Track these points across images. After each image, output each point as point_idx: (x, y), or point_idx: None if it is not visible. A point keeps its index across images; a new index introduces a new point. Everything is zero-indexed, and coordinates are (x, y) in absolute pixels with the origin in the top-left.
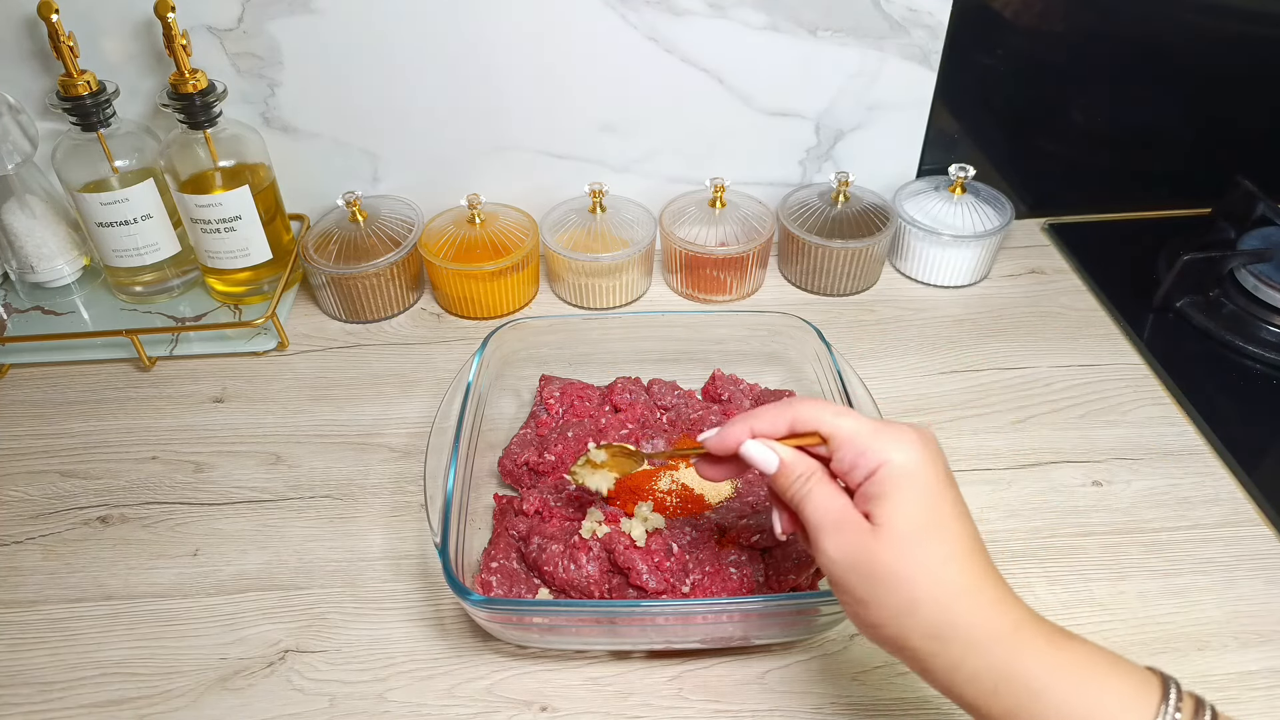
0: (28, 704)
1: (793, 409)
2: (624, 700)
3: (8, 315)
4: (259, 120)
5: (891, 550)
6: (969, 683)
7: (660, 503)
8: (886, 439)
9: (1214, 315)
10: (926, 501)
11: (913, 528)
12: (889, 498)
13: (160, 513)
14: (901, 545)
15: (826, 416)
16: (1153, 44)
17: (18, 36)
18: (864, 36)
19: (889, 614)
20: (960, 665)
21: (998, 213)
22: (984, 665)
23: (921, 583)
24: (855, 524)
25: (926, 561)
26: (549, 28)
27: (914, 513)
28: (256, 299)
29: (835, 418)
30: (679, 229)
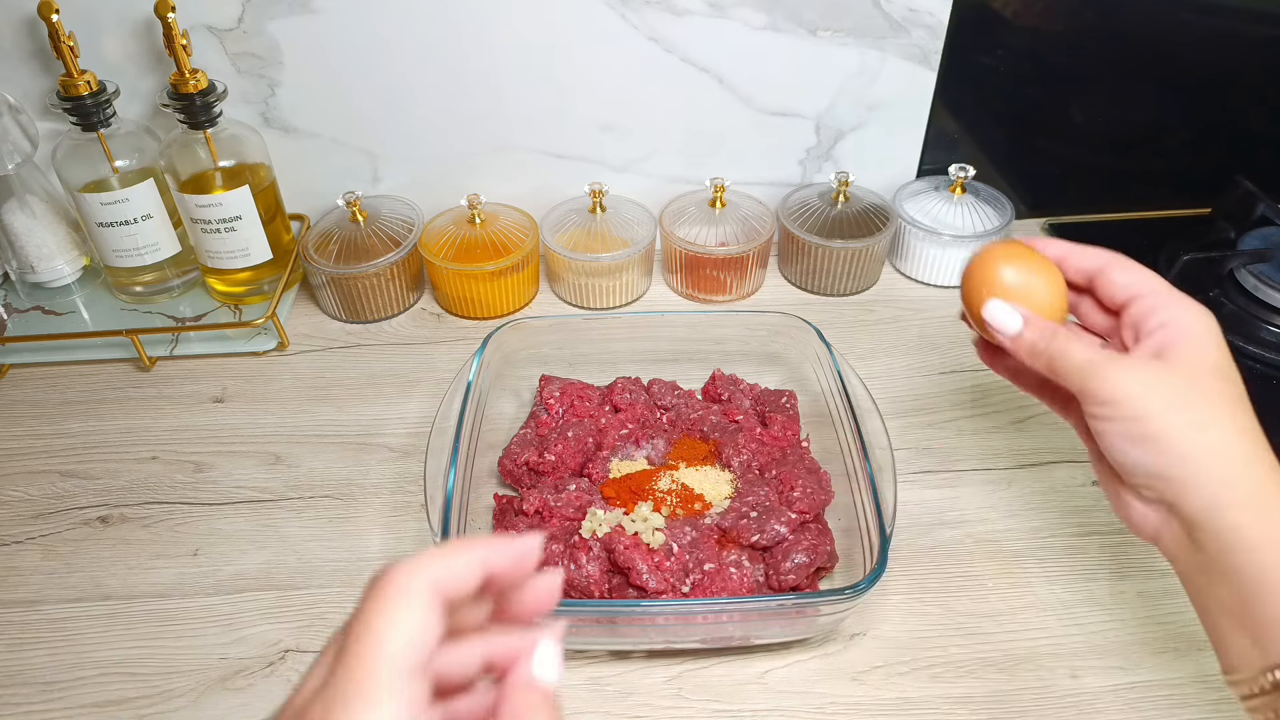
0: (27, 704)
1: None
2: (624, 700)
3: (8, 315)
4: (259, 120)
5: (1186, 375)
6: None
7: (660, 503)
8: (1182, 299)
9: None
10: (1221, 355)
11: (1209, 366)
12: (1184, 343)
13: (160, 513)
14: (1200, 374)
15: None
16: (1153, 44)
17: (18, 36)
18: (864, 36)
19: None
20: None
21: (998, 213)
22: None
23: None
24: (1134, 357)
25: (1221, 393)
26: (549, 28)
27: (1211, 358)
28: (256, 299)
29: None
30: (679, 229)
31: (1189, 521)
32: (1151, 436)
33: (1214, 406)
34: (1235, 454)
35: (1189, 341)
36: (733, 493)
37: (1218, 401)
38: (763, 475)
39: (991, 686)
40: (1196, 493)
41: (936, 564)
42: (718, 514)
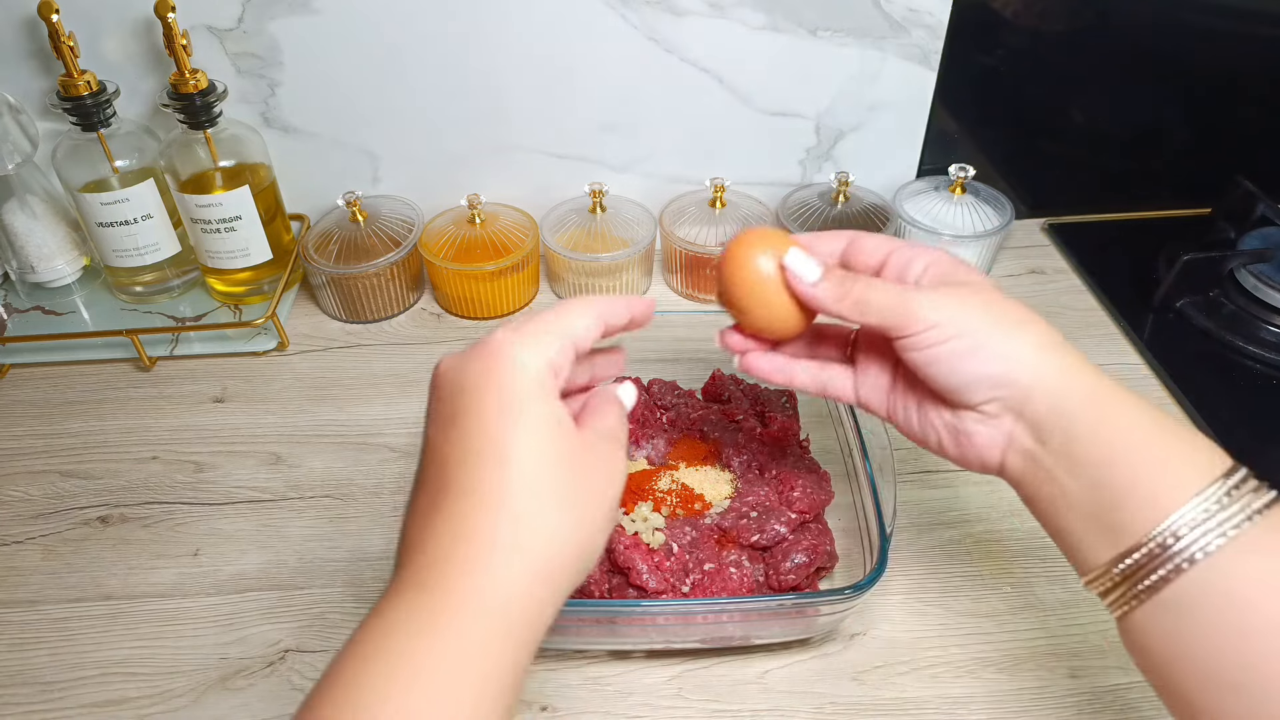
0: (28, 704)
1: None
2: (624, 700)
3: (8, 315)
4: (259, 120)
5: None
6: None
7: (660, 502)
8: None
9: (1214, 315)
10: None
11: (985, 282)
12: (954, 272)
13: (160, 512)
14: (991, 287)
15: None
16: (1153, 44)
17: (18, 36)
18: (864, 36)
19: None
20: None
21: (998, 213)
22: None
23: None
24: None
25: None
26: (549, 28)
27: (980, 276)
28: (256, 299)
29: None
30: (679, 229)
31: (1036, 422)
32: (985, 345)
33: (1017, 310)
34: (1056, 347)
35: (959, 269)
36: (733, 493)
37: (1015, 308)
38: (763, 475)
39: (991, 687)
40: (1040, 388)
41: (936, 564)
42: (718, 514)
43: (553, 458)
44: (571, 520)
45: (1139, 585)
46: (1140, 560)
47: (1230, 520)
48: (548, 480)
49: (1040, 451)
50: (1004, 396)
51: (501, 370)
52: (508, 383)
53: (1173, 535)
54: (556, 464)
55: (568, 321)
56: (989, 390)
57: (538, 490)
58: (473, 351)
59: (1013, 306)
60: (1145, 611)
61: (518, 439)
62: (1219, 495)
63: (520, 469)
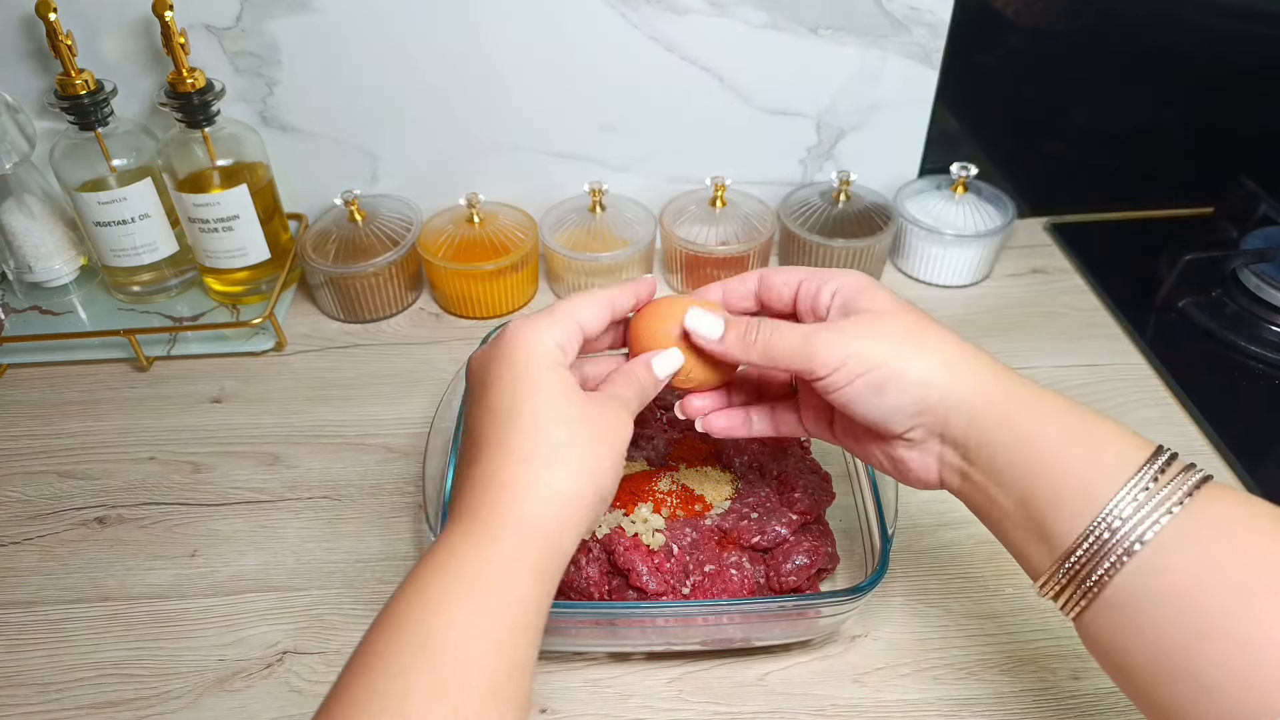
0: (25, 705)
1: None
2: (624, 702)
3: (5, 315)
4: (257, 119)
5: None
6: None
7: (660, 503)
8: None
9: (1216, 315)
10: (891, 293)
11: (890, 305)
12: (859, 296)
13: (158, 513)
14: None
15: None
16: (1155, 43)
17: (15, 35)
18: (865, 35)
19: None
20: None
21: (1000, 212)
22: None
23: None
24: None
25: (919, 317)
26: (549, 26)
27: (886, 298)
28: (254, 299)
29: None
30: (679, 228)
31: (958, 443)
32: (893, 377)
33: (922, 333)
34: (966, 364)
35: (862, 294)
36: (733, 493)
37: (920, 328)
38: (763, 476)
39: (993, 688)
40: (955, 411)
41: (938, 565)
42: (718, 515)
43: (563, 415)
44: (582, 464)
45: (1085, 583)
46: (1082, 559)
47: (1163, 505)
48: (560, 432)
49: (970, 469)
50: (924, 423)
51: (515, 350)
52: (520, 359)
53: (1108, 529)
54: (566, 420)
55: (574, 308)
56: (908, 420)
57: (553, 440)
58: (493, 341)
59: (919, 328)
60: (1096, 609)
61: (533, 402)
62: (1146, 481)
63: (536, 424)
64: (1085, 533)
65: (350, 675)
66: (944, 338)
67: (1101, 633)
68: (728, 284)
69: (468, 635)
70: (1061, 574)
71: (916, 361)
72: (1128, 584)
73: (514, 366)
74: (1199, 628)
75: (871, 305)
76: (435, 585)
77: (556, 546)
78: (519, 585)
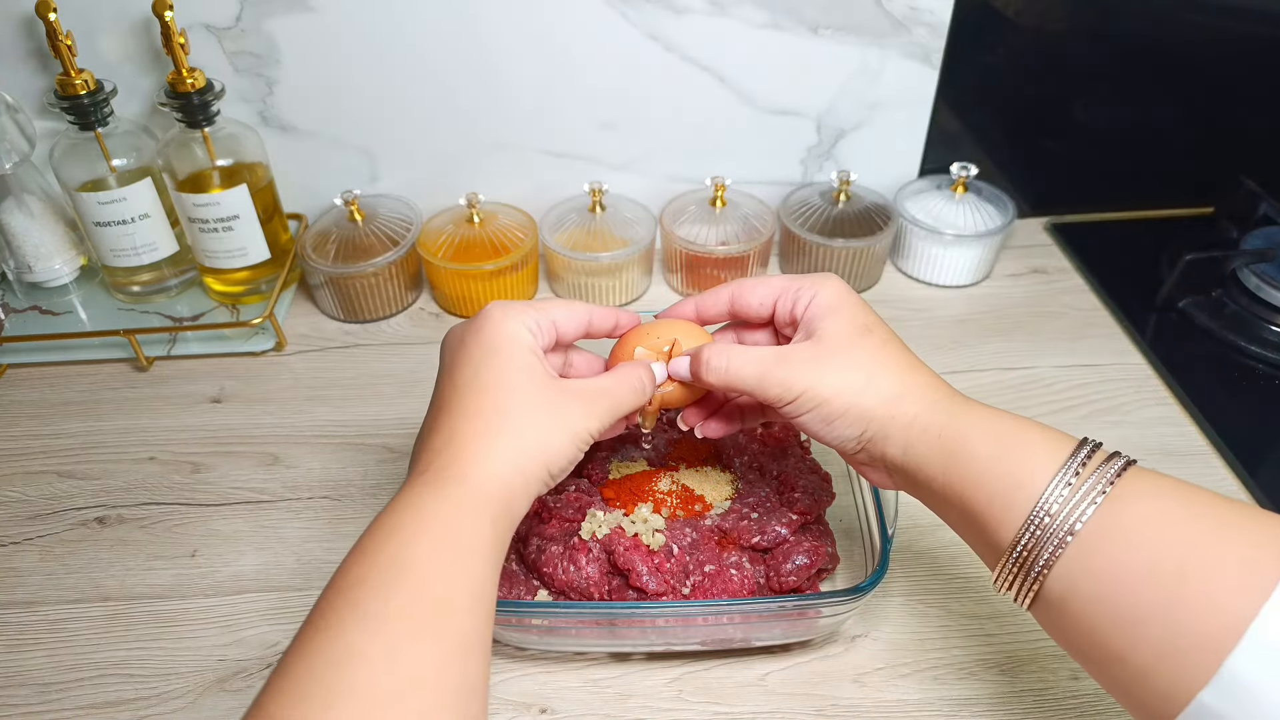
0: (25, 705)
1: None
2: (624, 702)
3: (5, 315)
4: (257, 119)
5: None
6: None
7: (660, 503)
8: (810, 281)
9: (1217, 315)
10: (857, 313)
11: (854, 329)
12: (826, 317)
13: (158, 513)
14: (848, 340)
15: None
16: (1155, 43)
17: (15, 35)
18: (865, 34)
19: (849, 395)
20: (908, 430)
21: (1000, 212)
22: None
23: (874, 360)
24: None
25: (870, 347)
26: (549, 26)
27: (852, 318)
28: (254, 299)
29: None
30: (679, 228)
31: (898, 469)
32: (839, 413)
33: (873, 362)
34: (905, 397)
35: (830, 315)
36: (733, 493)
37: (874, 355)
38: (763, 476)
39: (993, 688)
40: (891, 443)
41: (938, 565)
42: (718, 515)
43: (523, 390)
44: (534, 434)
45: (1033, 571)
46: (1026, 547)
47: (1095, 488)
48: (518, 406)
49: (914, 488)
50: (867, 449)
51: (489, 328)
52: (491, 336)
53: (1046, 514)
54: (525, 396)
55: (552, 305)
56: (854, 445)
57: (509, 411)
58: (470, 320)
59: (868, 360)
60: (1043, 599)
61: (496, 375)
62: (1074, 468)
63: (495, 395)
64: (1023, 526)
65: (331, 597)
66: (890, 367)
67: (1051, 621)
68: (701, 302)
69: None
70: (1011, 563)
71: (862, 397)
72: (1065, 574)
73: (483, 343)
74: (1126, 613)
75: (834, 330)
76: (407, 525)
77: (508, 508)
78: (481, 534)
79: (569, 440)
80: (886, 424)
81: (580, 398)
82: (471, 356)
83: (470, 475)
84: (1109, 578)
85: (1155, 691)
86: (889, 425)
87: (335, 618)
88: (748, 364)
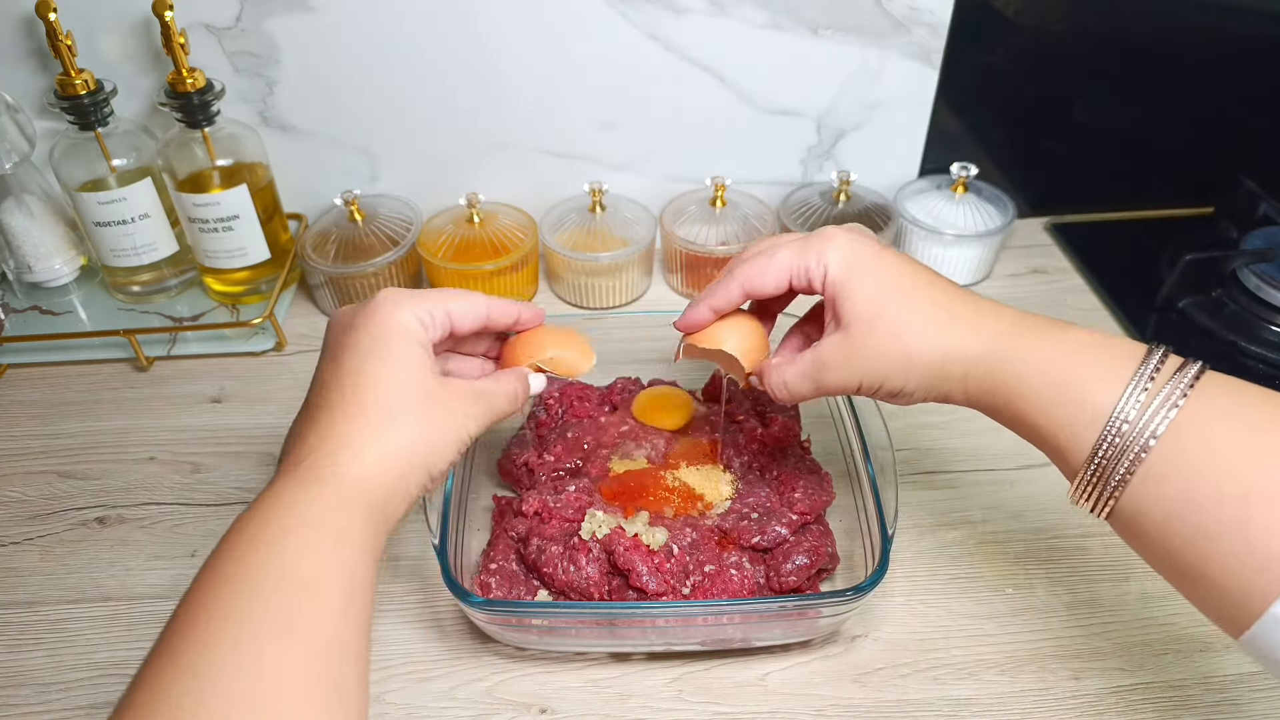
0: (25, 705)
1: (736, 280)
2: (624, 702)
3: (5, 315)
4: (257, 119)
5: (868, 332)
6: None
7: (661, 502)
8: (815, 251)
9: (1217, 315)
10: (868, 281)
11: (869, 309)
12: (840, 297)
13: (158, 513)
14: (871, 322)
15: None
16: (1155, 43)
17: (15, 35)
18: (865, 35)
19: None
20: (964, 382)
21: (1000, 212)
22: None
23: (906, 332)
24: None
25: (895, 321)
26: (549, 26)
27: (867, 293)
28: (254, 299)
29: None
30: (679, 228)
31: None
32: (898, 390)
33: (906, 335)
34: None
35: (846, 295)
36: (733, 493)
37: (903, 328)
38: (763, 476)
39: (993, 688)
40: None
41: (938, 565)
42: (718, 515)
43: (407, 386)
44: (417, 432)
45: (1111, 482)
46: (1105, 457)
47: (1171, 396)
48: (400, 402)
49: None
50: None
51: (377, 318)
52: (381, 325)
53: (1125, 421)
54: (409, 392)
55: (448, 296)
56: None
57: (391, 408)
58: (359, 305)
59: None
60: (1124, 502)
61: (381, 368)
62: (1148, 374)
63: (378, 390)
64: (1100, 437)
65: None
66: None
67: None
68: (714, 304)
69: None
70: (1088, 479)
71: (909, 376)
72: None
73: (371, 332)
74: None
75: (855, 315)
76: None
77: (386, 508)
78: (358, 533)
79: (452, 441)
80: (940, 386)
81: (463, 398)
82: (359, 344)
83: (349, 473)
84: (1177, 499)
85: (1229, 602)
86: (943, 386)
87: (191, 625)
88: (801, 380)
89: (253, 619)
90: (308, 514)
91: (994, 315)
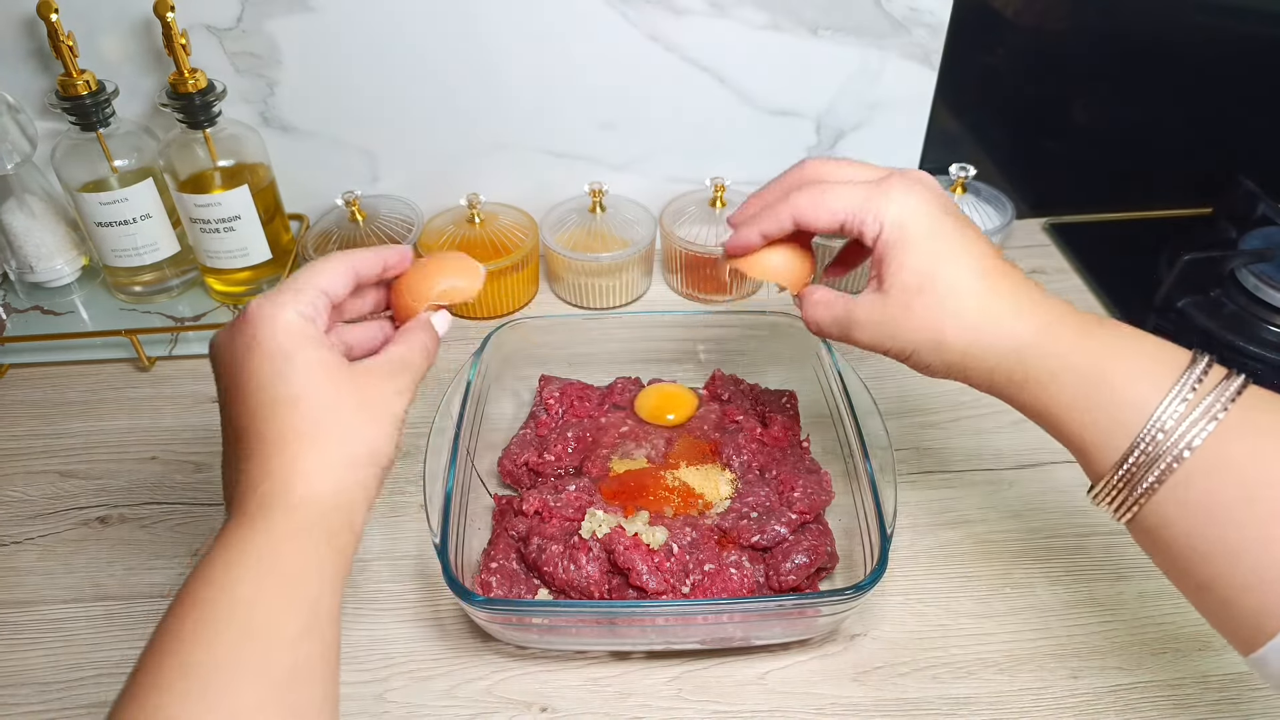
0: (25, 704)
1: (789, 210)
2: (624, 701)
3: (7, 315)
4: (258, 119)
5: (903, 305)
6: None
7: (661, 502)
8: (876, 202)
9: (1215, 316)
10: (923, 251)
11: (913, 281)
12: (886, 260)
13: (159, 513)
14: (908, 299)
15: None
16: (1155, 43)
17: (17, 36)
18: (865, 35)
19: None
20: (991, 374)
21: (999, 212)
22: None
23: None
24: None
25: (933, 301)
26: (549, 26)
27: (913, 265)
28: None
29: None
30: (679, 228)
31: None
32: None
33: (942, 317)
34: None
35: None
36: (733, 493)
37: (941, 309)
38: (763, 475)
39: (992, 687)
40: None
41: (937, 564)
42: (718, 514)
43: (326, 392)
44: (353, 433)
45: (1139, 489)
46: (1136, 464)
47: (1209, 412)
48: (326, 412)
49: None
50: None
51: (262, 333)
52: (269, 341)
53: (1160, 431)
54: (331, 397)
55: (313, 275)
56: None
57: (319, 421)
58: (235, 324)
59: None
60: (1148, 509)
61: (292, 386)
62: (1190, 384)
63: (298, 408)
64: (1133, 444)
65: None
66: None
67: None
68: (765, 227)
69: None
70: (1113, 484)
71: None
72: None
73: (264, 349)
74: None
75: (896, 285)
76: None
77: (349, 520)
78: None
79: (388, 427)
80: (965, 371)
81: (382, 378)
82: (257, 370)
83: (303, 500)
84: (1203, 511)
85: (1243, 620)
86: (968, 372)
87: (149, 679)
88: (833, 326)
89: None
90: (262, 554)
91: (1034, 309)
